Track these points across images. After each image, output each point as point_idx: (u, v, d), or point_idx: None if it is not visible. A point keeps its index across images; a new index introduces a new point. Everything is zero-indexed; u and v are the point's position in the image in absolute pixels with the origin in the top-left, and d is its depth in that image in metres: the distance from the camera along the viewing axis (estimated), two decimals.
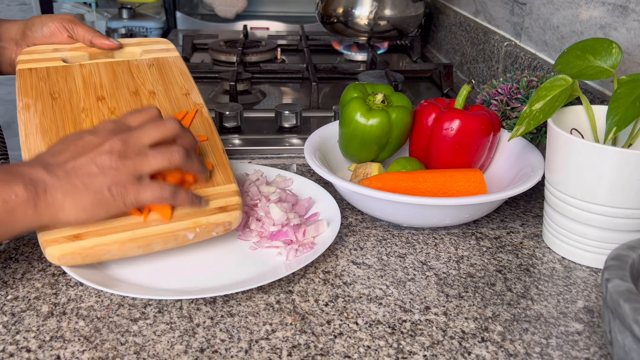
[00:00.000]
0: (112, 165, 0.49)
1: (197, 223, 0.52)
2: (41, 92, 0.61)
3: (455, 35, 1.28)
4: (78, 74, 0.64)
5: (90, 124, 0.58)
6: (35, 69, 0.64)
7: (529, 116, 0.58)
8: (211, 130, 0.59)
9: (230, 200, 0.54)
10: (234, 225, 0.54)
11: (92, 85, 0.63)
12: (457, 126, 0.66)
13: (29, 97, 0.60)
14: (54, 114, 0.59)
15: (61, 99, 0.60)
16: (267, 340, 0.47)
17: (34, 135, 0.57)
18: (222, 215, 0.53)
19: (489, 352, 0.47)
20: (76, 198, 0.48)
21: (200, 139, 0.58)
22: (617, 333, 0.40)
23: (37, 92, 0.61)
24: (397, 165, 0.69)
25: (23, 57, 0.66)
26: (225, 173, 0.56)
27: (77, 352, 0.46)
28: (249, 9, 1.82)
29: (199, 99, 0.64)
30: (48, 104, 0.60)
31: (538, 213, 0.68)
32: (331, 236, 0.58)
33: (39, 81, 0.62)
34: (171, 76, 0.66)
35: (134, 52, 0.69)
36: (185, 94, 0.64)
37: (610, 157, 0.51)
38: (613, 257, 0.44)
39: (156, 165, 0.50)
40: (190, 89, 0.65)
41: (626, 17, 0.72)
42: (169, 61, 0.68)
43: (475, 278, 0.56)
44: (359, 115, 0.67)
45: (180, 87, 0.65)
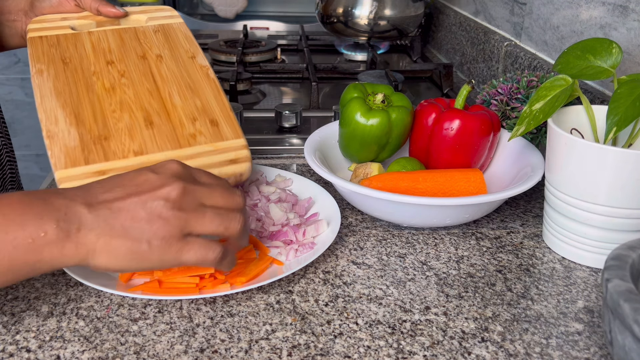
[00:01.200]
0: (162, 214, 0.43)
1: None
2: (53, 58, 0.63)
3: (455, 35, 1.28)
4: (87, 41, 0.66)
5: (102, 85, 0.60)
6: (46, 37, 0.66)
7: (529, 116, 0.58)
8: (218, 90, 0.61)
9: (240, 153, 0.56)
10: (245, 176, 0.56)
11: (101, 51, 0.65)
12: (457, 126, 0.66)
13: (41, 63, 0.62)
14: (66, 77, 0.61)
15: (72, 64, 0.62)
16: (267, 340, 0.47)
17: (48, 97, 0.58)
18: (234, 166, 0.55)
19: (489, 352, 0.47)
20: (111, 243, 0.42)
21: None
22: (617, 333, 0.40)
23: (49, 58, 0.63)
24: (397, 165, 0.69)
25: (33, 26, 0.68)
26: (233, 128, 0.58)
27: (77, 352, 0.46)
28: (249, 9, 1.81)
29: (205, 61, 0.65)
30: (60, 69, 0.61)
31: (538, 213, 0.68)
32: (331, 236, 0.58)
33: (50, 48, 0.64)
34: (177, 40, 0.67)
35: (139, 19, 0.71)
36: (192, 57, 0.65)
37: (610, 157, 0.51)
38: (613, 257, 0.44)
39: (210, 229, 0.45)
40: (195, 52, 0.66)
41: (626, 17, 0.71)
42: (174, 27, 0.70)
43: (475, 278, 0.56)
44: (359, 115, 0.67)
45: (186, 51, 0.66)
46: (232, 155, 0.56)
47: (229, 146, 0.56)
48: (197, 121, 0.57)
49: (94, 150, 0.53)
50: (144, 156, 0.53)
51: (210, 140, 0.56)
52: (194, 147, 0.55)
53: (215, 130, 0.57)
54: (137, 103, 0.58)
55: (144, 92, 0.60)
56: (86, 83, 0.60)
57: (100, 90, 0.59)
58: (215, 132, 0.57)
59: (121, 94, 0.59)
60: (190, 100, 0.59)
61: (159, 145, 0.54)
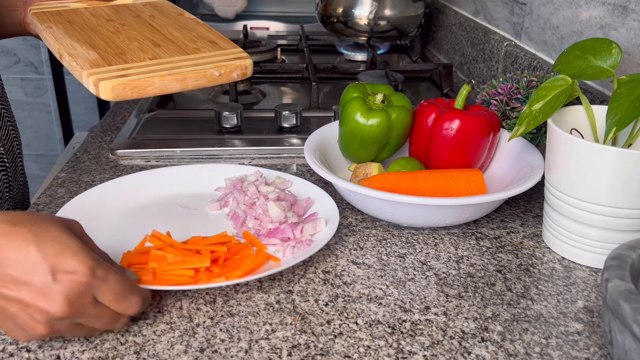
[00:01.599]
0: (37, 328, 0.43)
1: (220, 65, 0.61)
2: (59, 19, 0.71)
3: (455, 35, 1.28)
4: (86, 12, 0.75)
5: (108, 31, 0.68)
6: (49, 11, 0.74)
7: (528, 116, 0.58)
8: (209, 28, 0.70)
9: (241, 54, 0.64)
10: (249, 71, 0.63)
11: (100, 15, 0.74)
12: (457, 126, 0.66)
13: (49, 22, 0.70)
14: (74, 28, 0.69)
15: (77, 23, 0.70)
16: (267, 340, 0.47)
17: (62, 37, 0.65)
18: (239, 61, 0.62)
19: (489, 352, 0.47)
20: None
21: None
22: (617, 333, 0.40)
23: (55, 19, 0.71)
24: (397, 165, 0.69)
25: (34, 7, 0.75)
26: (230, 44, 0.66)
27: (77, 352, 0.46)
28: (248, 9, 1.81)
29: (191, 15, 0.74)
30: (67, 26, 0.69)
31: (538, 213, 0.68)
32: (329, 234, 0.58)
33: (53, 16, 0.72)
34: (164, 8, 0.77)
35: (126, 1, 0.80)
36: (180, 14, 0.74)
37: (610, 157, 0.51)
38: (613, 257, 0.44)
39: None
40: (182, 12, 0.75)
41: (626, 17, 0.72)
42: (160, 2, 0.80)
43: (475, 278, 0.56)
44: (359, 115, 0.67)
45: (174, 12, 0.75)
46: (234, 55, 0.63)
47: (230, 52, 0.64)
48: (197, 41, 0.66)
49: (114, 60, 0.60)
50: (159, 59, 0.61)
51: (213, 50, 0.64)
52: (202, 53, 0.63)
53: (215, 46, 0.65)
54: (141, 36, 0.67)
55: (146, 31, 0.68)
56: (94, 30, 0.68)
57: (107, 33, 0.67)
58: (215, 47, 0.65)
59: (127, 33, 0.67)
60: (187, 33, 0.68)
61: (171, 55, 0.62)
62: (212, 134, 0.86)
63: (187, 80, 0.59)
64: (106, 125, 0.92)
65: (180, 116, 0.94)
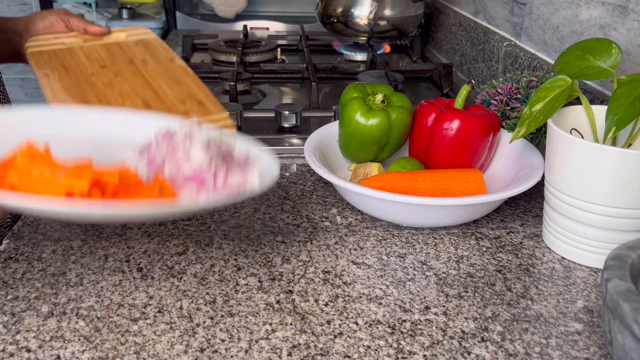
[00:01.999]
0: None
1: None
2: (54, 65, 0.73)
3: (455, 35, 1.28)
4: (80, 52, 0.77)
5: (101, 83, 0.70)
6: (45, 51, 0.76)
7: (529, 118, 0.58)
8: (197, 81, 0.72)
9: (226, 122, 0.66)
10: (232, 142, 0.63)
11: (94, 59, 0.75)
12: (457, 126, 0.66)
13: (45, 69, 0.71)
14: (70, 78, 0.70)
15: (72, 69, 0.72)
16: (267, 340, 0.47)
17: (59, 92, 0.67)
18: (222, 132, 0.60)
19: (489, 352, 0.47)
20: None
21: None
22: (616, 333, 0.40)
23: (51, 65, 0.72)
24: (397, 165, 0.69)
25: (30, 44, 0.77)
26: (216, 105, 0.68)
27: (77, 352, 0.46)
28: (248, 9, 1.82)
29: (182, 62, 0.76)
30: (63, 73, 0.71)
31: (538, 213, 0.68)
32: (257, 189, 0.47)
33: (50, 58, 0.74)
34: (156, 49, 0.79)
35: (120, 36, 0.82)
36: (171, 60, 0.76)
37: (610, 157, 0.51)
38: (613, 257, 0.44)
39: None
40: (173, 57, 0.77)
41: (626, 17, 0.72)
42: (151, 40, 0.82)
43: (475, 278, 0.56)
44: (359, 115, 0.67)
45: (165, 56, 0.77)
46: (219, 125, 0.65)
47: (216, 118, 0.67)
48: (186, 102, 0.68)
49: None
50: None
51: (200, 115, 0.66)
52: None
53: (202, 108, 0.67)
54: (134, 93, 0.68)
55: (138, 86, 0.70)
56: (88, 81, 0.70)
57: (101, 86, 0.69)
58: (202, 109, 0.67)
59: (119, 87, 0.69)
60: (177, 89, 0.70)
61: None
62: None
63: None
64: None
65: None
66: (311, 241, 0.61)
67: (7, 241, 0.60)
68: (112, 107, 0.63)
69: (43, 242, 0.60)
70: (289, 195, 0.71)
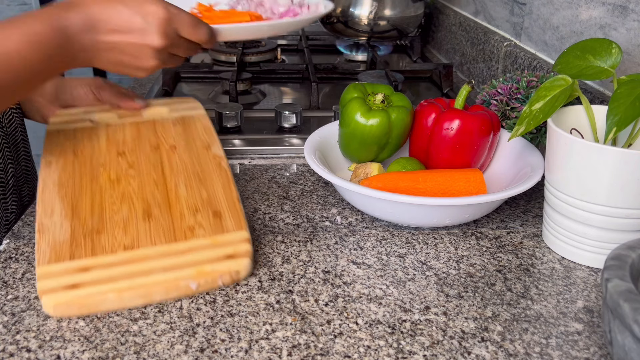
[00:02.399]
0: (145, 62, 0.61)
1: (201, 271, 0.50)
2: (64, 150, 0.64)
3: (455, 35, 1.28)
4: (103, 133, 0.67)
5: (107, 177, 0.60)
6: (64, 131, 0.67)
7: (528, 116, 0.58)
8: (228, 180, 0.60)
9: (239, 247, 0.52)
10: (242, 274, 0.52)
11: (115, 142, 0.66)
12: (457, 126, 0.66)
13: (52, 155, 0.63)
14: (73, 169, 0.61)
15: (82, 156, 0.63)
16: (267, 340, 0.47)
17: (50, 188, 0.58)
18: (229, 262, 0.51)
19: (489, 352, 0.47)
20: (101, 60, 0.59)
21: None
22: (616, 333, 0.40)
23: (61, 149, 0.64)
24: (397, 165, 0.69)
25: (55, 119, 0.69)
26: (237, 219, 0.55)
27: (77, 352, 0.46)
28: None
29: (220, 151, 0.65)
30: (69, 161, 0.62)
31: (538, 213, 0.68)
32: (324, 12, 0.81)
33: (65, 140, 0.65)
34: (194, 132, 0.68)
35: (161, 111, 0.72)
36: (206, 147, 0.65)
37: (610, 157, 0.52)
38: (613, 257, 0.44)
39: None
40: (211, 143, 0.66)
41: (626, 17, 0.72)
42: (194, 118, 0.70)
43: (475, 278, 0.56)
44: (359, 115, 0.67)
45: (202, 141, 0.66)
46: (230, 250, 0.52)
47: (229, 240, 0.53)
48: (199, 213, 0.56)
49: (82, 245, 0.51)
50: (133, 251, 0.51)
51: (210, 233, 0.54)
52: (190, 241, 0.53)
53: (217, 222, 0.55)
54: (139, 195, 0.58)
55: (149, 183, 0.59)
56: (92, 174, 0.60)
57: (105, 181, 0.59)
58: (216, 224, 0.55)
59: (125, 185, 0.59)
60: (196, 191, 0.58)
61: (152, 239, 0.53)
62: None
63: (153, 296, 0.49)
64: None
65: None
66: (311, 241, 0.61)
67: (7, 241, 0.60)
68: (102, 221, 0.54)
69: None
70: (289, 195, 0.71)
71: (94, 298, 0.48)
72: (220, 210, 0.56)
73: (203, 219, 0.55)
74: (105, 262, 0.50)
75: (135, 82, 1.15)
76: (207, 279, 0.50)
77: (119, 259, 0.50)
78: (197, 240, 0.53)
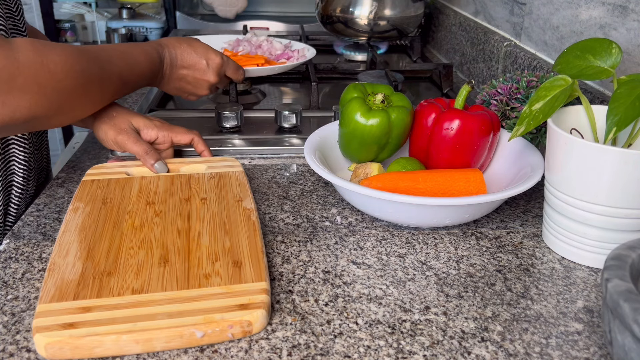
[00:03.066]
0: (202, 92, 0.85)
1: (209, 320, 0.46)
2: (94, 198, 0.64)
3: (455, 36, 1.28)
4: (136, 184, 0.68)
5: (131, 223, 0.59)
6: (98, 180, 0.68)
7: (528, 116, 0.58)
8: (254, 232, 0.58)
9: (255, 298, 0.49)
10: (255, 327, 0.48)
11: (146, 192, 0.66)
12: (457, 126, 0.66)
13: (80, 202, 0.63)
14: (99, 215, 0.61)
15: (111, 204, 0.63)
16: (267, 340, 0.47)
17: (70, 232, 0.58)
18: (241, 312, 0.47)
19: (489, 352, 0.47)
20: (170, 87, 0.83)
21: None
22: (616, 333, 0.40)
23: (91, 197, 0.64)
24: (397, 165, 0.69)
25: (91, 171, 0.71)
26: (258, 270, 0.53)
27: None
28: (249, 9, 1.82)
29: (251, 204, 0.64)
30: (96, 207, 0.62)
31: (538, 213, 0.68)
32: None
33: (97, 189, 0.66)
34: (228, 186, 0.68)
35: (198, 167, 0.73)
36: (238, 200, 0.65)
37: (610, 157, 0.52)
38: (613, 257, 0.44)
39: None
40: (244, 197, 0.66)
41: (626, 17, 0.72)
42: (230, 175, 0.71)
43: (475, 278, 0.56)
44: (359, 115, 0.67)
45: (235, 195, 0.66)
46: (244, 299, 0.49)
47: (245, 289, 0.50)
48: (218, 261, 0.54)
49: (89, 286, 0.50)
50: (141, 295, 0.49)
51: (226, 282, 0.51)
52: (202, 289, 0.50)
53: (236, 272, 0.52)
54: (159, 241, 0.56)
55: (172, 231, 0.58)
56: (116, 220, 0.60)
57: (128, 228, 0.59)
58: (234, 274, 0.52)
59: (147, 232, 0.58)
60: (219, 241, 0.57)
61: (163, 285, 0.50)
62: (212, 133, 0.86)
63: (153, 343, 0.45)
64: None
65: (180, 116, 0.94)
66: (311, 241, 0.61)
67: (7, 241, 0.60)
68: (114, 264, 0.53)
69: (43, 242, 0.60)
70: (289, 195, 0.71)
71: (89, 340, 0.44)
72: (241, 260, 0.54)
73: (221, 267, 0.53)
74: (108, 303, 0.48)
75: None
76: (214, 328, 0.46)
77: (123, 302, 0.48)
78: (210, 289, 0.50)
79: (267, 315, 0.49)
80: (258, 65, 1.02)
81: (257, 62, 1.03)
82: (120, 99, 1.04)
